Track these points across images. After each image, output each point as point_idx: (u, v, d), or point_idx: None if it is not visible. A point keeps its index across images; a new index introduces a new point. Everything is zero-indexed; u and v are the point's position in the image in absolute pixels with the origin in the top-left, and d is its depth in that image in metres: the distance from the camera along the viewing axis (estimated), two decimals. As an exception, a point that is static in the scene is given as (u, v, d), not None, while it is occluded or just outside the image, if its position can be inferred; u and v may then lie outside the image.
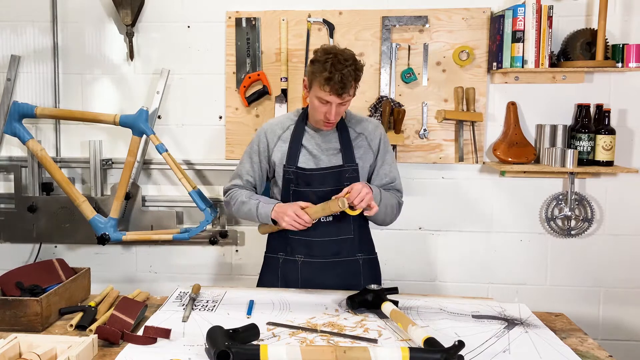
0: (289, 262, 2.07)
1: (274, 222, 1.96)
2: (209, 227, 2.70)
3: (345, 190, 1.87)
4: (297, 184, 2.01)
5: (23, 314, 1.65)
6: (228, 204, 2.11)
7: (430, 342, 1.47)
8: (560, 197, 2.67)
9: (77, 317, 1.71)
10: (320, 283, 2.03)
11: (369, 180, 2.09)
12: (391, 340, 1.59)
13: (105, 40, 2.74)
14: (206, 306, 1.84)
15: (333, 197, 1.88)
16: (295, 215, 1.88)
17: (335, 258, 2.05)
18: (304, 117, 2.05)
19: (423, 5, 2.60)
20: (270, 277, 2.12)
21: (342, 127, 2.04)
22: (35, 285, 1.83)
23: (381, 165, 2.08)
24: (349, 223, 2.05)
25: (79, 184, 2.81)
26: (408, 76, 2.61)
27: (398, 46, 2.62)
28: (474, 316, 1.78)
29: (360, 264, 2.10)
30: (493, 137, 2.67)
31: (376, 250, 2.18)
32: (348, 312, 1.81)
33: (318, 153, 2.02)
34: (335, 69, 1.83)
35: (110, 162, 2.76)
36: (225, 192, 2.14)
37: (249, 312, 1.77)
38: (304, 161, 2.02)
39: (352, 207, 1.85)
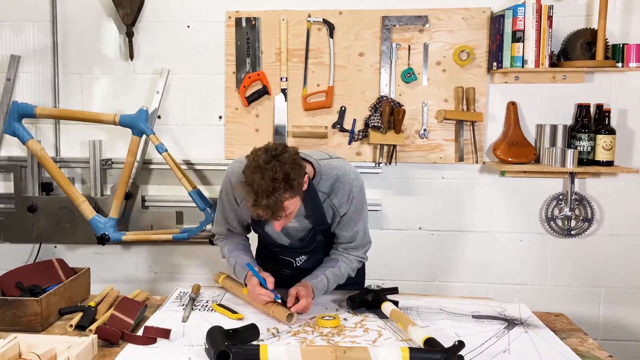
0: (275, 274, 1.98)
1: None
2: (208, 227, 2.69)
3: (294, 295, 1.77)
4: (271, 245, 1.96)
5: (23, 314, 1.65)
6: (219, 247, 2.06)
7: (430, 342, 1.47)
8: (560, 197, 2.67)
9: (77, 317, 1.71)
10: None
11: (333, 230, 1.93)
12: (391, 340, 1.59)
13: (105, 40, 2.74)
14: (206, 306, 1.84)
15: (286, 311, 1.73)
16: (256, 295, 1.79)
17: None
18: None
19: (423, 5, 2.60)
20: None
21: (310, 193, 1.81)
22: (35, 285, 1.83)
23: (347, 228, 1.89)
24: (320, 258, 1.98)
25: (78, 184, 2.81)
26: (408, 76, 2.61)
27: (398, 46, 2.62)
28: (474, 316, 1.78)
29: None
30: (493, 137, 2.67)
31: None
32: (348, 312, 1.81)
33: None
34: (261, 195, 1.61)
35: (110, 162, 2.76)
36: (214, 237, 2.09)
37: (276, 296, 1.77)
38: (271, 228, 1.87)
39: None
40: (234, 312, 1.76)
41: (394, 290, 1.89)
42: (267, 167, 1.61)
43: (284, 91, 2.65)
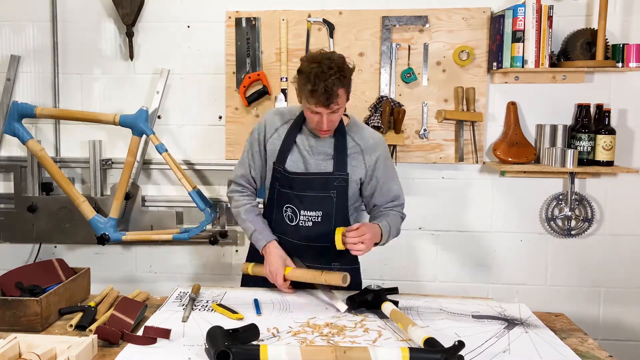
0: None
1: None
2: (208, 227, 2.70)
3: (356, 226, 1.83)
4: (282, 186, 1.99)
5: (23, 314, 1.65)
6: (230, 200, 2.11)
7: (430, 342, 1.47)
8: (560, 197, 2.67)
9: (77, 317, 1.71)
10: (300, 283, 1.98)
11: (370, 196, 2.03)
12: (391, 340, 1.59)
13: (105, 40, 2.74)
14: (206, 306, 1.84)
15: (338, 274, 1.83)
16: (274, 275, 1.92)
17: (313, 263, 2.00)
18: (303, 116, 2.00)
19: (423, 5, 2.60)
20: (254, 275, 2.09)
21: (340, 134, 1.97)
22: (35, 285, 1.83)
23: (384, 182, 2.01)
24: (325, 231, 1.99)
25: (78, 184, 2.81)
26: (408, 76, 2.61)
27: (398, 46, 2.61)
28: (474, 316, 1.77)
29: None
30: (493, 137, 2.67)
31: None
32: (348, 312, 1.81)
33: (308, 155, 1.98)
34: (319, 79, 1.77)
35: (110, 162, 2.76)
36: (229, 185, 2.12)
37: (258, 311, 1.78)
38: (294, 161, 1.98)
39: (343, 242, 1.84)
40: (234, 312, 1.76)
41: (394, 290, 1.88)
42: (323, 59, 1.81)
43: (284, 91, 2.65)
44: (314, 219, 1.99)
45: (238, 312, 1.75)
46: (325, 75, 1.77)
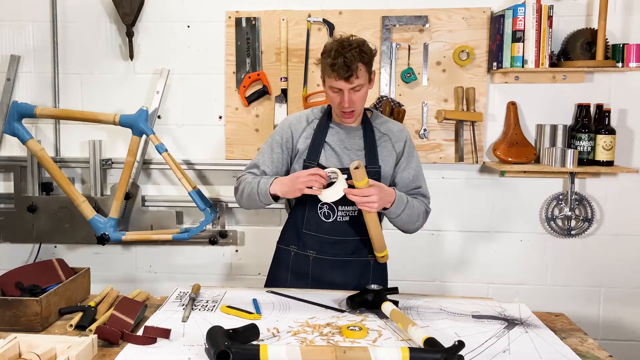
0: (300, 257, 2.05)
1: (275, 198, 1.92)
2: (209, 227, 2.70)
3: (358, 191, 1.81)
4: None
5: (23, 314, 1.65)
6: (236, 190, 2.03)
7: (430, 342, 1.47)
8: (560, 197, 2.67)
9: (77, 317, 1.71)
10: (330, 281, 2.02)
11: (392, 184, 2.03)
12: (391, 340, 1.59)
13: (105, 39, 2.74)
14: (206, 306, 1.84)
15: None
16: (309, 174, 1.82)
17: (348, 257, 2.04)
18: (328, 114, 2.04)
19: (423, 5, 2.60)
20: (280, 271, 2.09)
21: (368, 126, 2.02)
22: (35, 285, 1.83)
23: (405, 168, 2.02)
24: (363, 224, 1.99)
25: (78, 184, 2.81)
26: (408, 76, 2.61)
27: (398, 46, 2.62)
28: (474, 316, 1.77)
29: (370, 265, 2.08)
30: (493, 137, 2.67)
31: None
32: (348, 312, 1.81)
33: (340, 151, 1.99)
34: (338, 53, 1.84)
35: (110, 162, 2.76)
36: (238, 178, 2.06)
37: (258, 311, 1.77)
38: (327, 157, 1.99)
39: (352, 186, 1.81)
40: (248, 312, 1.74)
41: (394, 290, 1.88)
42: (344, 38, 1.89)
43: (284, 91, 2.65)
44: (351, 213, 1.99)
45: (254, 312, 1.74)
46: (344, 50, 1.84)
